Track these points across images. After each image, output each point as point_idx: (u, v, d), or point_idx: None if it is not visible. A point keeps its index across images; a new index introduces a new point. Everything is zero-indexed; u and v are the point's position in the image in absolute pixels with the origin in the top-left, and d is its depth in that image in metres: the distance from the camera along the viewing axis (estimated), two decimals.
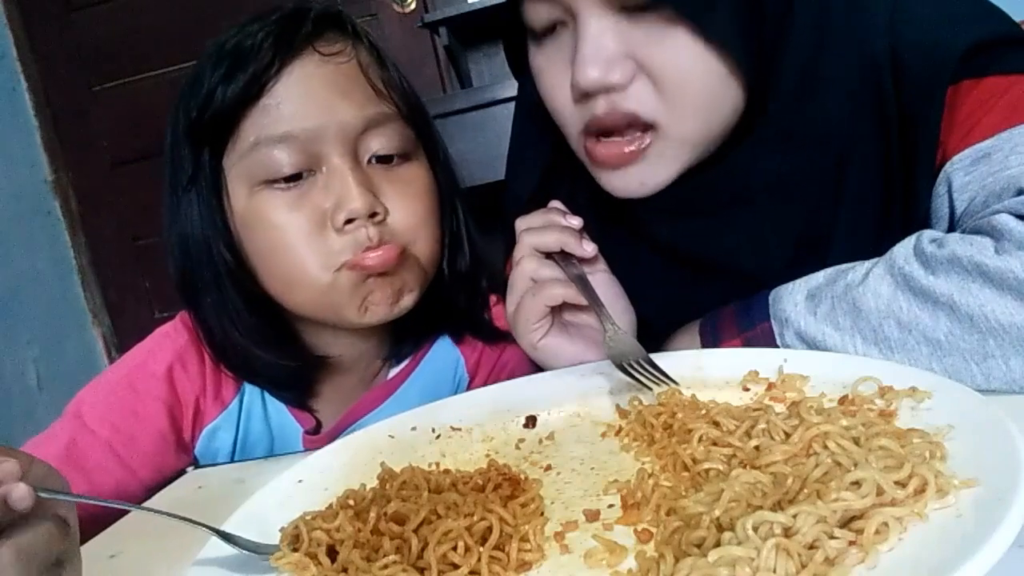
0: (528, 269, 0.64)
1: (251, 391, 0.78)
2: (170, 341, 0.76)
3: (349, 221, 0.67)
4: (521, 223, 0.66)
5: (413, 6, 1.98)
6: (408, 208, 0.71)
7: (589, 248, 0.64)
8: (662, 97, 0.58)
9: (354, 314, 0.70)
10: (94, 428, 0.71)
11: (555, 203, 0.68)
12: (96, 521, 0.59)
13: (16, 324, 1.97)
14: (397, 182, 0.71)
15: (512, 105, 0.82)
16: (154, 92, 2.08)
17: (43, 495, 0.37)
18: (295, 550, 0.42)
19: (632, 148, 0.60)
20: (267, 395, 0.78)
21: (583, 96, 0.59)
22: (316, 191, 0.68)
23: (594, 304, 0.61)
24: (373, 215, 0.67)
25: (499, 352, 0.85)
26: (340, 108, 0.67)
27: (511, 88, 1.59)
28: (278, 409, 0.78)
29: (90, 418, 0.72)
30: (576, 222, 0.65)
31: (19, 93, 2.13)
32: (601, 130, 0.60)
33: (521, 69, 0.69)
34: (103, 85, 2.14)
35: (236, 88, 0.66)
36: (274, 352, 0.73)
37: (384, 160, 0.71)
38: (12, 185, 2.04)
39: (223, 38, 0.69)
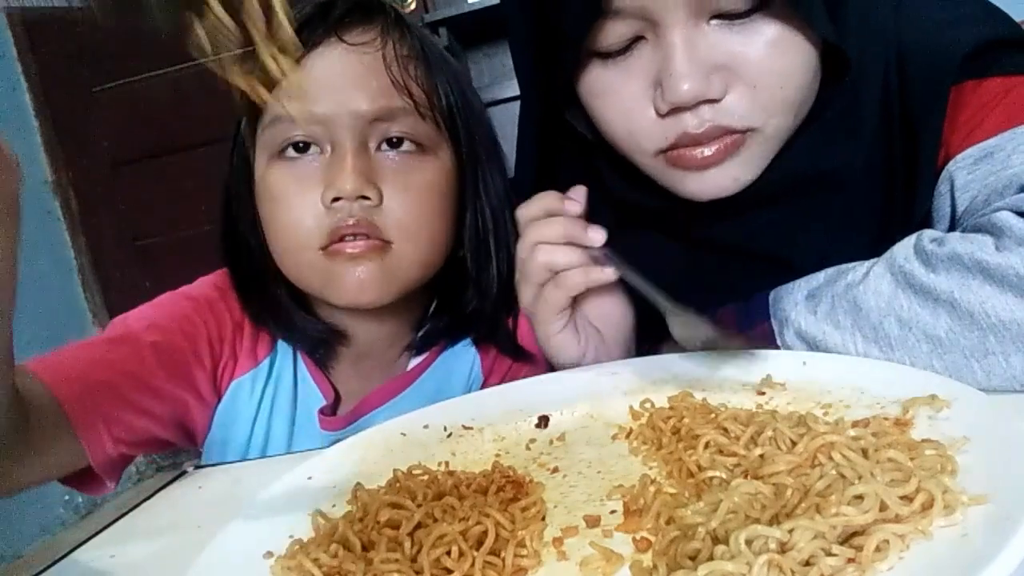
0: (543, 260, 0.62)
1: (283, 355, 0.79)
2: (214, 283, 0.79)
3: (336, 200, 0.68)
4: (522, 212, 0.65)
5: (413, 6, 1.99)
6: (405, 201, 0.70)
7: (597, 236, 0.61)
8: (759, 101, 0.57)
9: (328, 296, 0.72)
10: (139, 333, 0.72)
11: (576, 191, 0.64)
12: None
13: (16, 324, 1.95)
14: (403, 172, 0.71)
15: (511, 105, 0.82)
16: (154, 92, 2.08)
17: None
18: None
19: (721, 147, 0.58)
20: (298, 362, 0.79)
21: (672, 110, 0.57)
22: (318, 169, 0.70)
23: (641, 286, 0.59)
24: (362, 198, 0.68)
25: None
26: (353, 97, 0.68)
27: (511, 88, 1.59)
28: (304, 379, 0.79)
29: (135, 323, 0.73)
30: (575, 207, 0.62)
31: (19, 93, 2.13)
32: (690, 143, 0.58)
33: (532, 85, 0.68)
34: (103, 85, 2.14)
35: None
36: (302, 313, 0.76)
37: (394, 146, 0.71)
38: None
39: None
